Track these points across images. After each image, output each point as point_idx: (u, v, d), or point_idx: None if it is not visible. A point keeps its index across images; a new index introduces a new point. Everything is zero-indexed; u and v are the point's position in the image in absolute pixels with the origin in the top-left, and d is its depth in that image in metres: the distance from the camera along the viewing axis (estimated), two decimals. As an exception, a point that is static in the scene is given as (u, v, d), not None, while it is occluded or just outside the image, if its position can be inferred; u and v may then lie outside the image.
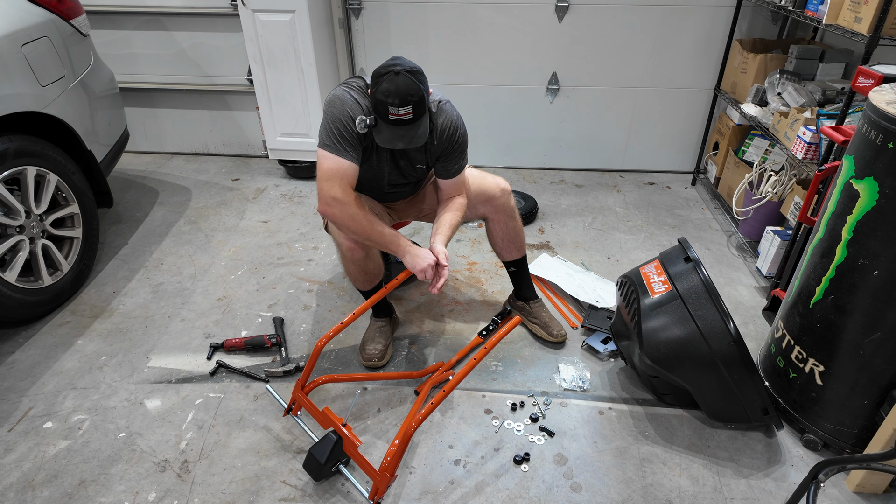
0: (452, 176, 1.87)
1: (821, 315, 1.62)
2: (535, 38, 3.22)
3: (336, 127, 1.66)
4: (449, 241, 1.83)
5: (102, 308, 2.34)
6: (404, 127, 1.61)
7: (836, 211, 1.56)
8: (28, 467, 1.67)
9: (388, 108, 1.56)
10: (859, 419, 1.63)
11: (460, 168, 1.88)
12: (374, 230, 1.72)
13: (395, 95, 1.55)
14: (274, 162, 3.67)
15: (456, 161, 1.85)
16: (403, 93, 1.55)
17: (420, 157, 1.85)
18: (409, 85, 1.56)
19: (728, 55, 3.07)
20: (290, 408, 1.79)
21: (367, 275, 1.96)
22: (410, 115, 1.58)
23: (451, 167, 1.85)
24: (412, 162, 1.86)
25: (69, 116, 2.34)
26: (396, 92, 1.55)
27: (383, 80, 1.56)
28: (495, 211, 2.01)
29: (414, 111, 1.58)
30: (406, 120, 1.59)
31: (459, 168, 1.88)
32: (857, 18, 1.94)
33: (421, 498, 1.59)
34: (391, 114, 1.57)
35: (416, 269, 1.75)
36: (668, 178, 3.51)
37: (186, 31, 3.33)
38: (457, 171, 1.87)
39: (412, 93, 1.56)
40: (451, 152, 1.82)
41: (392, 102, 1.55)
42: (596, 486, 1.63)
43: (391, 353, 2.10)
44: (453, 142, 1.80)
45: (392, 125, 1.61)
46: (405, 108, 1.56)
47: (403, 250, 1.76)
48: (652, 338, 1.69)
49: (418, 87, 1.57)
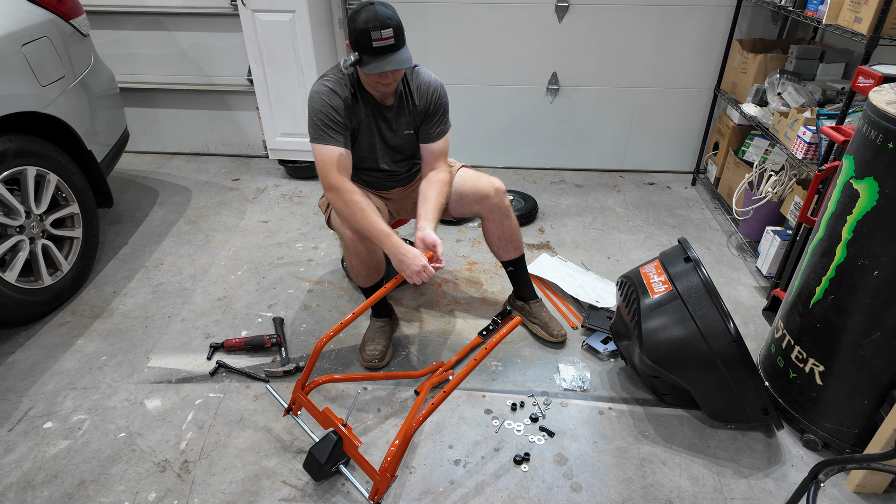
0: (436, 139, 1.94)
1: (821, 315, 1.62)
2: (535, 38, 3.22)
3: (318, 118, 1.77)
4: (437, 223, 1.84)
5: (102, 308, 2.34)
6: (389, 53, 1.67)
7: (836, 211, 1.56)
8: (28, 467, 1.67)
9: (371, 33, 1.62)
10: (859, 419, 1.63)
11: (443, 131, 1.96)
12: (366, 218, 1.74)
13: (374, 20, 1.62)
14: (274, 162, 3.67)
15: (439, 122, 1.93)
16: (383, 17, 1.63)
17: (404, 122, 1.91)
18: (386, 11, 1.65)
19: (728, 55, 3.07)
20: (290, 408, 1.79)
21: (369, 270, 1.97)
22: (392, 38, 1.65)
23: (434, 129, 1.93)
24: (398, 130, 1.92)
25: (69, 116, 2.34)
26: (376, 17, 1.62)
27: (360, 13, 1.64)
28: (490, 210, 2.03)
29: (395, 35, 1.65)
30: (389, 45, 1.65)
31: (442, 131, 1.95)
32: (857, 18, 1.95)
33: (421, 498, 1.59)
34: (374, 39, 1.63)
35: (404, 271, 1.74)
36: (668, 178, 3.51)
37: (186, 31, 3.33)
38: (439, 134, 1.95)
39: (391, 16, 1.65)
40: (433, 113, 1.91)
41: (373, 27, 1.62)
42: (596, 486, 1.63)
43: (391, 353, 2.10)
44: (434, 100, 1.90)
45: (377, 54, 1.66)
46: (386, 30, 1.63)
47: (393, 248, 1.73)
48: (652, 338, 1.69)
49: (394, 13, 1.67)
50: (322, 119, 1.77)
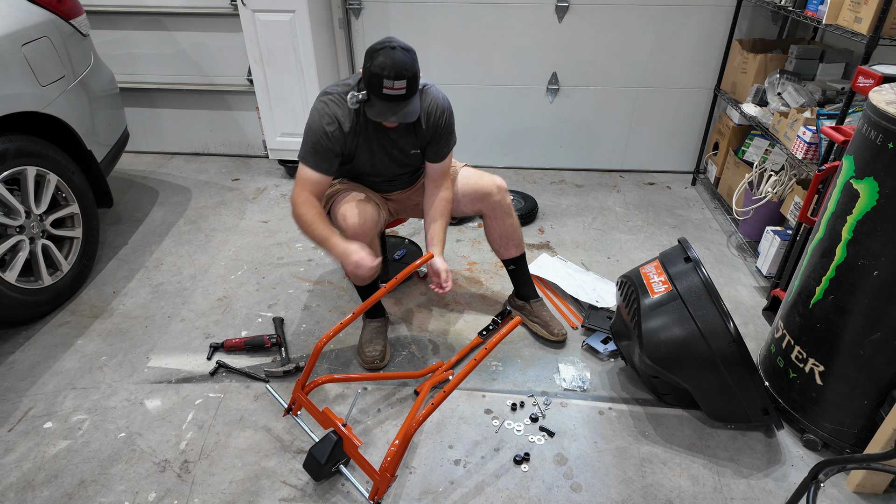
0: (442, 159, 1.93)
1: (821, 315, 1.62)
2: (535, 38, 3.22)
3: (311, 140, 1.77)
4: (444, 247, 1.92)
5: (102, 308, 2.34)
6: (397, 102, 1.65)
7: (836, 211, 1.56)
8: (28, 467, 1.67)
9: (383, 80, 1.59)
10: (859, 419, 1.63)
11: (448, 150, 1.95)
12: (310, 230, 1.79)
13: (390, 68, 1.58)
14: (274, 162, 3.67)
15: (445, 143, 1.91)
16: (399, 66, 1.58)
17: (411, 142, 1.90)
18: (405, 60, 1.60)
19: (728, 55, 3.07)
20: (290, 408, 1.79)
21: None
22: (404, 90, 1.62)
23: (441, 150, 1.92)
24: (404, 150, 1.91)
25: (69, 116, 2.34)
26: (392, 65, 1.58)
27: (379, 54, 1.60)
28: (491, 208, 2.04)
29: (408, 86, 1.62)
30: (400, 95, 1.63)
31: (448, 150, 1.94)
32: (857, 18, 1.95)
33: (421, 498, 1.59)
34: (385, 87, 1.60)
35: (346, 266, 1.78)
36: (668, 178, 3.51)
37: (186, 31, 3.33)
38: (445, 153, 1.94)
39: (407, 67, 1.59)
40: (440, 135, 1.88)
41: (387, 75, 1.58)
42: (596, 486, 1.63)
43: (390, 353, 2.10)
44: (441, 123, 1.87)
45: (385, 99, 1.64)
46: (400, 81, 1.59)
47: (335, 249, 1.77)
48: (652, 338, 1.69)
49: (413, 63, 1.62)
50: (314, 143, 1.77)
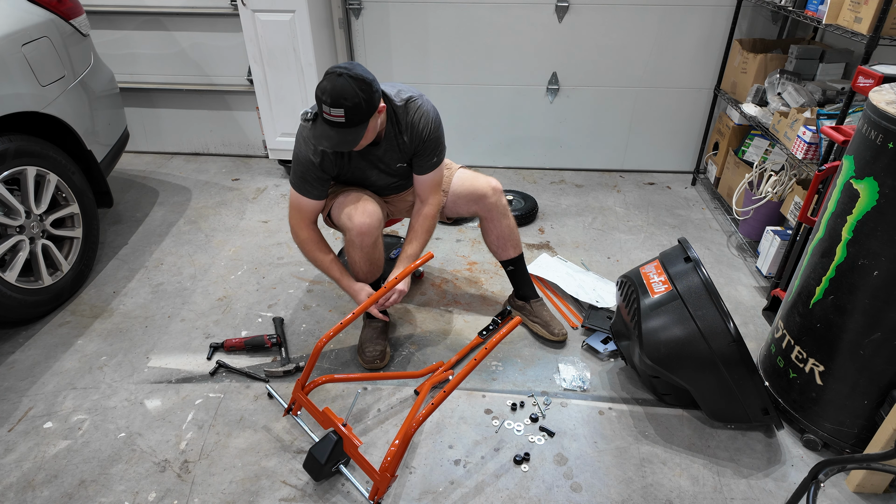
0: (427, 171, 1.92)
1: (821, 315, 1.62)
2: (535, 38, 3.22)
3: (299, 168, 1.83)
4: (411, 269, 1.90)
5: (102, 308, 2.34)
6: (336, 129, 1.62)
7: (836, 211, 1.56)
8: (28, 467, 1.67)
9: (322, 105, 1.60)
10: (859, 419, 1.63)
11: (436, 163, 1.92)
12: (317, 264, 1.95)
13: (328, 94, 1.57)
14: (274, 162, 3.67)
15: (430, 156, 1.89)
16: (337, 94, 1.56)
17: (396, 157, 1.90)
18: (346, 88, 1.56)
19: (728, 55, 3.07)
20: (290, 408, 1.79)
21: (370, 265, 1.97)
22: (342, 118, 1.59)
23: (426, 162, 1.90)
24: (389, 164, 1.92)
25: (69, 116, 2.34)
26: (330, 91, 1.57)
27: (326, 78, 1.60)
28: (487, 210, 2.04)
29: (346, 116, 1.59)
30: (338, 122, 1.60)
31: (435, 163, 1.92)
32: (857, 18, 1.95)
33: (421, 498, 1.59)
34: (324, 112, 1.61)
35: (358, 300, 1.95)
36: (668, 178, 3.51)
37: (186, 31, 3.33)
38: (431, 166, 1.91)
39: (346, 97, 1.56)
40: (424, 148, 1.87)
41: (325, 101, 1.58)
42: (596, 486, 1.63)
43: (390, 353, 2.10)
44: (425, 136, 1.85)
45: (325, 123, 1.64)
46: (336, 109, 1.57)
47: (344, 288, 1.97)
48: (652, 338, 1.69)
49: (355, 92, 1.57)
50: (302, 171, 1.82)
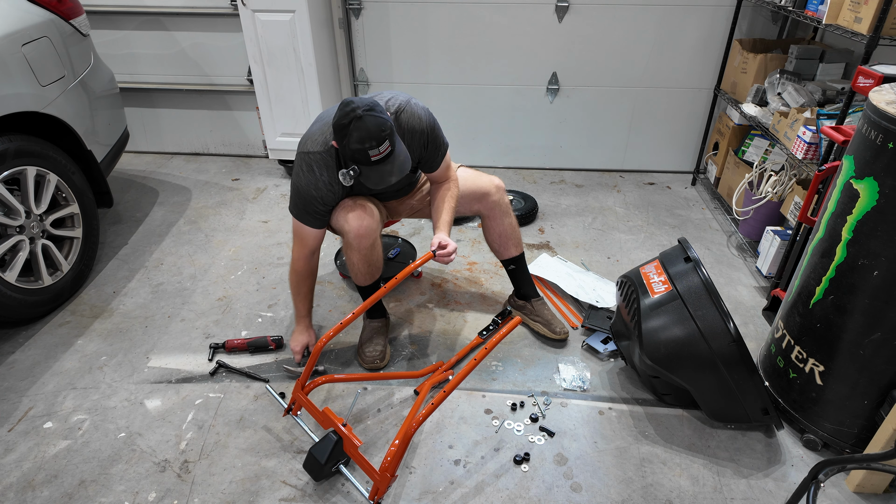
0: (438, 166, 1.93)
1: (821, 315, 1.62)
2: (535, 38, 3.22)
3: (299, 200, 1.83)
4: (449, 228, 1.91)
5: (102, 308, 2.34)
6: (387, 161, 1.62)
7: (836, 211, 1.56)
8: (28, 467, 1.67)
9: (369, 152, 1.57)
10: (859, 419, 1.63)
11: (443, 155, 1.93)
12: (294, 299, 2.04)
13: (370, 139, 1.55)
14: (274, 162, 3.67)
15: (435, 154, 1.90)
16: (377, 132, 1.56)
17: None
18: (377, 122, 1.56)
19: (728, 55, 3.07)
20: (290, 408, 1.79)
21: (369, 267, 1.96)
22: (389, 148, 1.60)
23: (434, 161, 1.91)
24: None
25: (69, 116, 2.34)
26: (370, 135, 1.55)
27: (350, 128, 1.56)
28: (490, 208, 2.04)
29: (391, 143, 1.60)
30: (386, 154, 1.60)
31: (442, 156, 1.92)
32: (857, 18, 1.95)
33: (421, 498, 1.59)
34: (373, 156, 1.58)
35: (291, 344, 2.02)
36: (668, 178, 3.51)
37: (186, 31, 3.33)
38: (439, 160, 1.92)
39: (383, 128, 1.57)
40: (428, 152, 1.87)
41: (371, 146, 1.56)
42: (596, 486, 1.63)
43: (390, 353, 2.10)
44: (425, 141, 1.84)
45: (376, 165, 1.62)
46: (383, 144, 1.57)
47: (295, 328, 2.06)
48: (652, 338, 1.69)
49: (384, 120, 1.58)
50: (304, 205, 1.82)
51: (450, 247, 1.83)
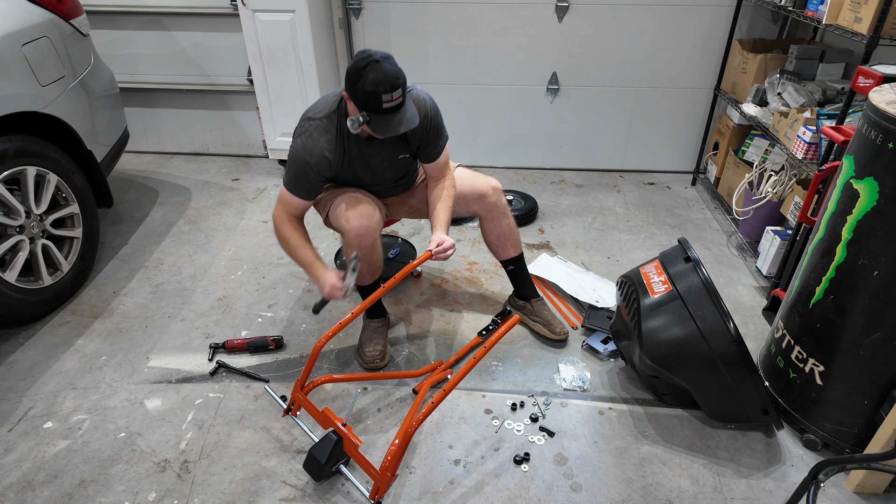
0: (436, 156, 1.94)
1: (821, 315, 1.62)
2: (535, 38, 3.22)
3: (294, 170, 1.80)
4: (448, 228, 1.90)
5: (102, 308, 2.34)
6: (398, 112, 1.65)
7: (836, 211, 1.56)
8: (28, 467, 1.67)
9: (382, 96, 1.59)
10: (859, 419, 1.63)
11: (442, 146, 1.94)
12: (293, 254, 1.87)
13: (385, 83, 1.58)
14: (274, 162, 3.67)
15: (435, 142, 1.91)
16: (392, 78, 1.59)
17: (399, 149, 1.91)
18: (392, 69, 1.60)
19: (728, 55, 3.07)
20: (289, 408, 1.79)
21: (370, 267, 1.96)
22: (401, 98, 1.62)
23: (434, 149, 1.92)
24: (393, 156, 1.91)
25: (69, 116, 2.34)
26: (385, 79, 1.58)
27: (366, 72, 1.58)
28: (487, 209, 2.04)
29: (403, 93, 1.63)
30: (397, 105, 1.63)
31: (441, 146, 1.94)
32: (857, 18, 1.95)
33: (421, 497, 1.59)
34: (385, 102, 1.60)
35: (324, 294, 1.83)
36: (668, 178, 3.51)
37: (186, 31, 3.33)
38: (438, 150, 1.93)
39: (397, 76, 1.60)
40: (429, 136, 1.89)
41: (385, 90, 1.58)
42: (596, 486, 1.63)
43: (390, 352, 2.10)
44: (428, 125, 1.86)
45: (386, 114, 1.64)
46: (396, 92, 1.60)
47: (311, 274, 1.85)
48: (652, 338, 1.69)
49: (399, 70, 1.63)
50: (297, 174, 1.79)
51: (446, 243, 1.83)
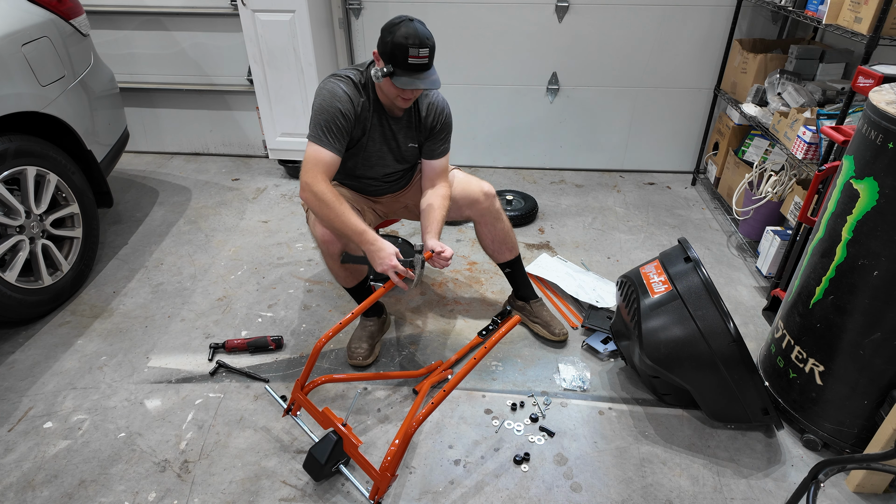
0: (438, 157, 1.95)
1: (821, 315, 1.62)
2: (535, 38, 3.22)
3: (322, 118, 1.73)
4: (439, 234, 1.88)
5: (102, 308, 2.34)
6: (420, 72, 1.68)
7: (836, 211, 1.56)
8: (28, 467, 1.67)
9: (409, 49, 1.63)
10: (859, 419, 1.63)
11: (445, 150, 1.97)
12: (339, 219, 1.72)
13: (414, 37, 1.63)
14: (274, 162, 3.67)
15: (442, 141, 1.95)
16: (422, 35, 1.64)
17: (410, 136, 1.92)
18: (425, 31, 1.66)
19: (728, 55, 3.07)
20: (289, 408, 1.79)
21: (345, 271, 1.97)
22: (427, 58, 1.66)
23: (437, 147, 1.94)
24: (402, 143, 1.93)
25: (69, 116, 2.34)
26: (416, 34, 1.63)
27: (399, 27, 1.64)
28: (480, 214, 2.04)
29: (430, 55, 1.67)
30: (423, 64, 1.67)
31: (444, 150, 1.96)
32: (857, 18, 1.95)
33: (421, 498, 1.59)
34: (411, 56, 1.64)
35: (378, 265, 1.74)
36: (668, 178, 3.51)
37: (186, 31, 3.33)
38: (442, 152, 1.96)
39: (428, 36, 1.66)
40: (438, 131, 1.92)
41: (413, 44, 1.63)
42: (596, 486, 1.63)
43: (378, 352, 2.09)
44: (441, 120, 1.91)
45: (410, 69, 1.67)
46: (424, 49, 1.65)
47: (368, 244, 1.73)
48: (652, 338, 1.69)
49: (431, 34, 1.68)
50: (326, 120, 1.72)
51: (447, 251, 1.82)
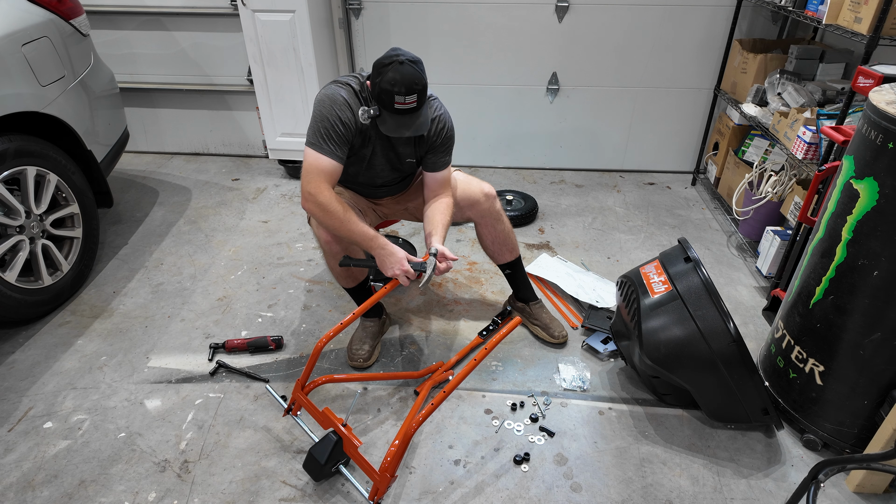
0: (439, 169, 1.92)
1: (821, 315, 1.62)
2: (535, 38, 3.22)
3: (322, 125, 1.69)
4: (444, 240, 1.85)
5: (102, 308, 2.34)
6: (409, 115, 1.65)
7: (836, 211, 1.56)
8: (28, 467, 1.67)
9: (395, 97, 1.59)
10: (859, 419, 1.63)
11: (447, 162, 1.93)
12: (346, 227, 1.72)
13: (401, 84, 1.58)
14: (274, 162, 3.67)
15: (443, 154, 1.91)
16: (409, 81, 1.59)
17: (410, 151, 1.89)
18: (414, 74, 1.60)
19: (728, 55, 3.07)
20: (289, 408, 1.79)
21: (346, 271, 1.96)
22: (415, 103, 1.63)
23: (439, 160, 1.91)
24: (401, 156, 1.90)
25: (69, 116, 2.34)
26: (402, 81, 1.58)
27: (388, 69, 1.59)
28: (481, 215, 2.04)
29: (418, 100, 1.63)
30: (411, 108, 1.63)
31: (446, 162, 1.93)
32: (857, 18, 1.95)
33: (421, 498, 1.59)
34: (397, 103, 1.61)
35: (387, 270, 1.74)
36: (668, 178, 3.51)
37: (186, 31, 3.33)
38: (443, 164, 1.92)
39: (417, 81, 1.60)
40: (439, 145, 1.88)
41: (398, 91, 1.59)
42: (596, 486, 1.63)
43: (378, 353, 2.09)
44: (442, 135, 1.87)
45: (397, 114, 1.64)
46: (411, 96, 1.60)
47: (377, 249, 1.74)
48: (652, 338, 1.69)
49: (422, 76, 1.62)
50: (326, 128, 1.68)
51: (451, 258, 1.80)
